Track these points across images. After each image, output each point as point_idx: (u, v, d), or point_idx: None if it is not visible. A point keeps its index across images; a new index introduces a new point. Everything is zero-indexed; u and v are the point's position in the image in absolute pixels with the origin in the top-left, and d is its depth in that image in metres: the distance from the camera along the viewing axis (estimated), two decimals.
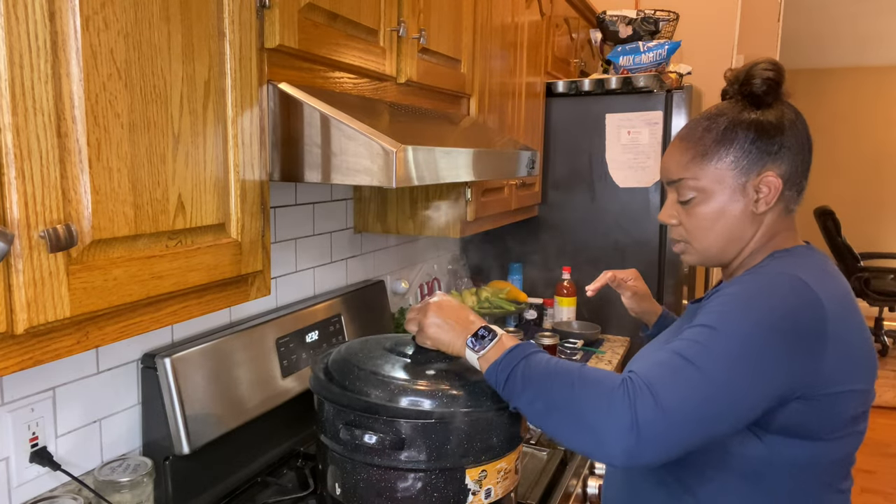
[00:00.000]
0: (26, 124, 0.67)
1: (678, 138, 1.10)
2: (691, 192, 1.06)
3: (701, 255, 1.10)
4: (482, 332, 1.05)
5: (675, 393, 0.88)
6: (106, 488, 1.16)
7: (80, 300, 0.74)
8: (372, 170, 1.04)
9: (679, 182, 1.07)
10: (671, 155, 1.10)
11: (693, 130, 1.07)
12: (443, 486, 1.10)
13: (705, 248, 1.09)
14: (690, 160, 1.05)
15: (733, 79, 1.08)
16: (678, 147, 1.09)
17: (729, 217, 1.05)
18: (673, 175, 1.09)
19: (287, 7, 1.05)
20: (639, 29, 2.59)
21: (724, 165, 1.03)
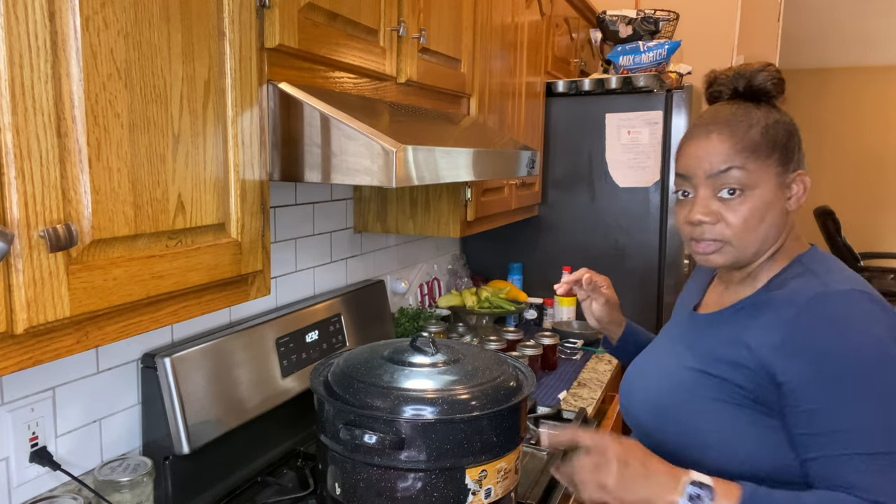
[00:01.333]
0: (26, 124, 0.67)
1: (716, 130, 1.01)
2: (736, 186, 0.98)
3: (737, 256, 1.02)
4: (695, 492, 0.91)
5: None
6: (106, 488, 1.15)
7: (80, 300, 0.74)
8: (372, 170, 1.04)
9: (724, 173, 0.99)
10: (712, 145, 1.00)
11: (734, 123, 1.00)
12: (443, 486, 1.10)
13: (745, 247, 1.01)
14: (738, 151, 0.98)
15: (733, 78, 1.05)
16: (720, 137, 1.00)
17: (771, 215, 1.00)
18: (717, 165, 0.99)
19: (287, 7, 1.05)
20: (639, 29, 2.59)
21: (770, 161, 0.99)
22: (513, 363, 1.33)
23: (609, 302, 1.38)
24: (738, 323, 1.03)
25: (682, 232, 1.07)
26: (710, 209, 1.01)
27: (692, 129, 1.07)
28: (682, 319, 1.20)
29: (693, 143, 1.04)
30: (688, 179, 1.04)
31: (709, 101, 1.12)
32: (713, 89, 1.09)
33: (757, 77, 1.03)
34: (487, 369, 1.21)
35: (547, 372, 2.18)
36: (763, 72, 1.03)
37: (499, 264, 2.75)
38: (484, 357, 1.27)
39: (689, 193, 1.04)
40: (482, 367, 1.21)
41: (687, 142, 1.06)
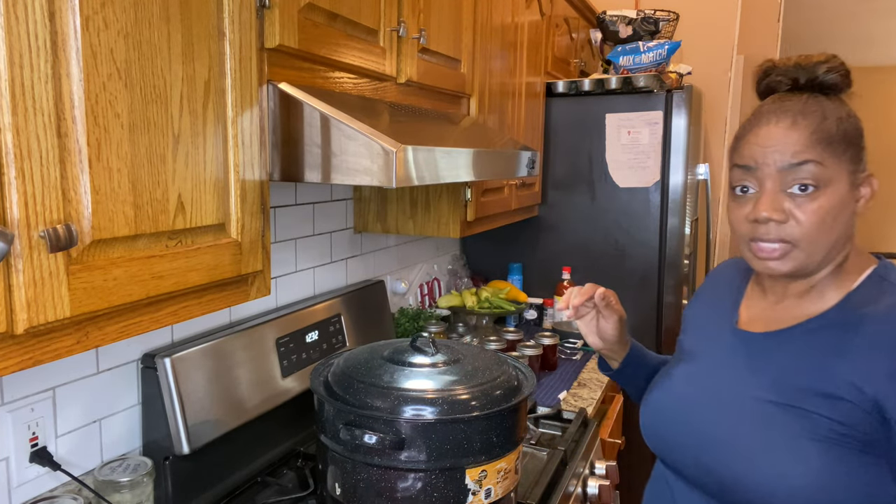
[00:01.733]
0: (26, 124, 0.67)
1: (788, 118, 0.91)
2: (811, 182, 0.88)
3: (803, 262, 0.91)
4: None
5: None
6: (106, 488, 1.16)
7: (80, 300, 0.74)
8: (372, 170, 1.04)
9: (798, 167, 0.88)
10: (786, 134, 0.90)
11: (807, 113, 0.90)
12: (443, 486, 1.10)
13: (814, 251, 0.90)
14: (815, 142, 0.88)
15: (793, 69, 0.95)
16: (795, 126, 0.90)
17: (843, 217, 0.90)
18: (792, 157, 0.89)
19: (287, 7, 1.05)
20: (639, 29, 2.59)
21: (844, 157, 0.90)
22: (513, 363, 1.33)
23: (620, 319, 1.21)
24: (819, 346, 0.91)
25: (738, 232, 0.96)
26: (779, 205, 0.89)
27: (758, 115, 0.95)
28: (724, 337, 1.05)
29: (761, 129, 0.92)
30: (752, 171, 0.92)
31: (761, 95, 1.01)
32: (769, 80, 0.98)
33: (818, 69, 0.93)
34: (487, 369, 1.21)
35: (547, 372, 2.18)
36: (826, 63, 0.93)
37: (499, 264, 2.75)
38: (484, 357, 1.27)
39: (750, 188, 0.93)
40: (482, 368, 1.21)
41: (752, 129, 0.94)
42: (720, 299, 1.12)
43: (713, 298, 1.15)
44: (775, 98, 0.95)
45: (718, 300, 1.12)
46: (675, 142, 2.43)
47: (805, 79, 0.94)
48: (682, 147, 2.42)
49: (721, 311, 1.10)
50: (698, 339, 1.11)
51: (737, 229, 0.96)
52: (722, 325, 1.07)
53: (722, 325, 1.06)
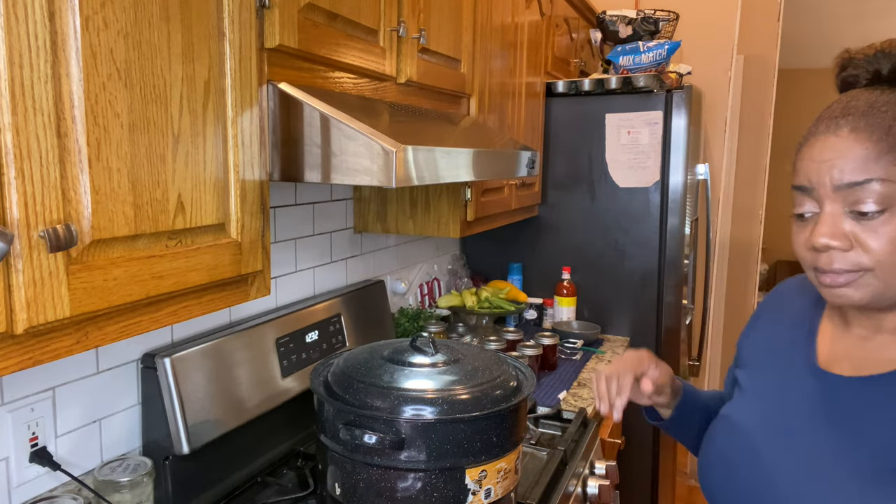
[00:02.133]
0: (26, 124, 0.67)
1: (848, 125, 0.77)
2: (876, 203, 0.74)
3: (880, 290, 0.77)
4: None
5: None
6: (106, 488, 1.16)
7: (79, 300, 0.74)
8: (372, 170, 1.04)
9: (860, 186, 0.74)
10: (844, 145, 0.76)
11: (872, 115, 0.76)
12: (443, 486, 1.10)
13: (893, 278, 0.76)
14: (880, 154, 0.74)
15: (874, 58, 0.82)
16: (855, 136, 0.76)
17: None
18: (852, 174, 0.75)
19: (287, 7, 1.05)
20: (639, 29, 2.59)
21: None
22: (513, 363, 1.33)
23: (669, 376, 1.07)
24: None
25: (801, 259, 0.83)
26: (839, 230, 0.76)
27: (817, 122, 0.81)
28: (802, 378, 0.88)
29: (817, 142, 0.79)
30: (809, 192, 0.79)
31: (840, 89, 0.88)
32: (847, 73, 0.85)
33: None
34: (487, 369, 1.21)
35: (547, 372, 2.18)
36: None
37: (499, 264, 2.75)
38: (484, 357, 1.27)
39: (808, 213, 0.80)
40: (482, 368, 1.21)
41: (809, 140, 0.81)
42: (789, 328, 0.96)
43: (778, 326, 0.98)
44: (843, 97, 0.82)
45: (787, 329, 0.96)
46: (675, 142, 2.43)
47: (889, 68, 0.80)
48: (682, 147, 2.42)
49: (793, 343, 0.93)
50: (766, 376, 0.94)
51: (800, 256, 0.83)
52: (796, 361, 0.90)
53: (796, 362, 0.90)
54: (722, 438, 0.94)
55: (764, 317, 1.03)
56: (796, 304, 0.98)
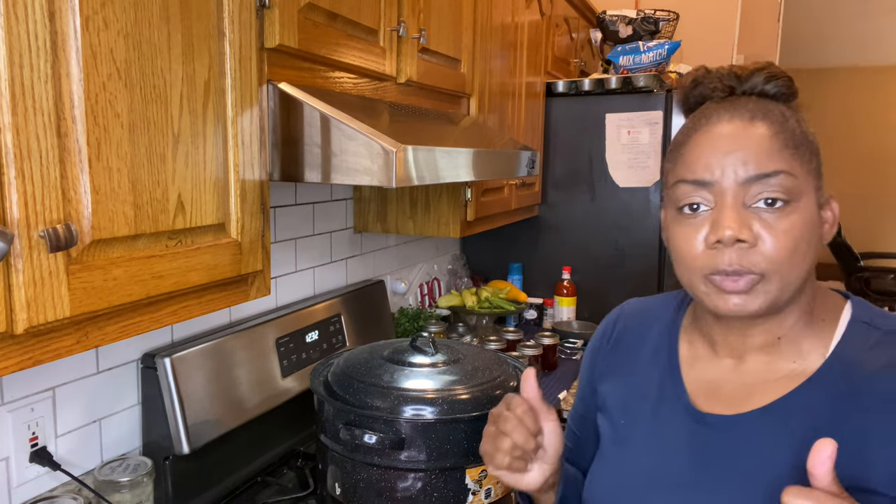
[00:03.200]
0: (26, 124, 0.67)
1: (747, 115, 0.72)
2: (783, 194, 0.70)
3: (777, 297, 0.71)
4: None
5: None
6: (106, 488, 1.15)
7: (79, 300, 0.74)
8: (372, 170, 1.04)
9: (768, 178, 0.70)
10: (752, 135, 0.71)
11: (767, 111, 0.73)
12: (443, 486, 1.10)
13: (788, 283, 0.71)
14: (784, 145, 0.70)
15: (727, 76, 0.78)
16: (755, 124, 0.72)
17: (815, 241, 0.73)
18: (758, 164, 0.70)
19: (287, 7, 1.05)
20: (639, 29, 2.59)
21: (811, 167, 0.73)
22: (513, 363, 1.33)
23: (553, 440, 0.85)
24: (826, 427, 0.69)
25: (690, 263, 0.74)
26: (746, 222, 0.70)
27: (701, 116, 0.76)
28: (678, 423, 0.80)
29: (712, 129, 0.73)
30: (706, 185, 0.72)
31: (688, 109, 0.82)
32: (702, 89, 0.80)
33: (756, 79, 0.77)
34: (487, 369, 1.21)
35: (547, 372, 2.18)
36: (764, 71, 0.76)
37: (499, 264, 2.75)
38: (484, 357, 1.27)
39: (703, 206, 0.73)
40: (482, 367, 1.21)
41: (699, 129, 0.75)
42: (647, 364, 0.87)
43: (632, 360, 0.90)
44: (718, 102, 0.77)
45: (648, 365, 0.87)
46: None
47: (742, 89, 0.77)
48: None
49: (654, 380, 0.85)
50: (640, 424, 0.84)
51: (687, 261, 0.74)
52: (667, 402, 0.82)
53: (668, 404, 0.82)
54: (602, 499, 0.84)
55: (609, 352, 0.94)
56: (649, 332, 0.90)
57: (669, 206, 0.78)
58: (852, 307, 0.77)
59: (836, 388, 0.71)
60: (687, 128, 0.78)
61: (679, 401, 0.81)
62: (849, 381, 0.71)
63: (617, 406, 0.89)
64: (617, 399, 0.89)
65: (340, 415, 1.12)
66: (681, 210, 0.75)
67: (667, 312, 0.91)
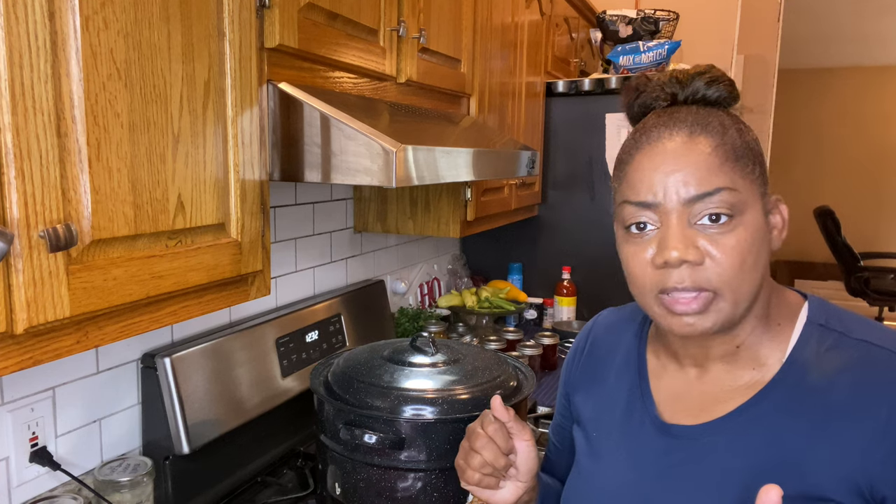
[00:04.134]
0: (26, 124, 0.67)
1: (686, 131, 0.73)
2: (725, 210, 0.70)
3: (730, 313, 0.72)
4: None
5: None
6: (106, 488, 1.16)
7: (79, 300, 0.74)
8: (372, 169, 1.04)
9: (710, 196, 0.70)
10: (685, 151, 0.71)
11: (706, 123, 0.73)
12: (443, 486, 1.10)
13: (740, 297, 0.71)
14: (724, 161, 0.71)
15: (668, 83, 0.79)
16: (693, 140, 0.72)
17: (765, 250, 0.73)
18: (702, 185, 0.70)
19: (287, 7, 1.05)
20: (639, 29, 2.59)
21: (754, 176, 0.72)
22: (513, 363, 1.33)
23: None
24: (783, 434, 0.71)
25: (640, 284, 0.75)
26: (691, 241, 0.70)
27: (642, 132, 0.77)
28: (647, 437, 0.80)
29: (653, 149, 0.73)
30: (651, 206, 0.72)
31: (632, 118, 0.85)
32: (643, 98, 0.81)
33: (697, 83, 0.77)
34: (487, 369, 1.21)
35: (547, 372, 2.18)
36: (706, 75, 0.77)
37: (499, 264, 2.75)
38: (484, 357, 1.27)
39: (648, 225, 0.73)
40: (482, 367, 1.21)
41: (640, 148, 0.75)
42: (617, 376, 0.88)
43: (603, 372, 0.91)
44: (658, 112, 0.78)
45: (618, 377, 0.88)
46: None
47: (684, 95, 0.77)
48: None
49: (624, 392, 0.86)
50: (610, 437, 0.85)
51: (639, 280, 0.75)
52: (636, 414, 0.83)
53: (637, 416, 0.83)
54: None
55: (584, 361, 0.95)
56: (619, 344, 0.91)
57: (618, 225, 0.78)
58: (808, 308, 0.77)
59: (790, 395, 0.72)
60: (629, 146, 0.78)
61: (646, 412, 0.82)
62: (803, 387, 0.72)
63: (589, 419, 0.90)
64: (589, 411, 0.90)
65: (340, 415, 1.12)
66: (628, 229, 0.75)
67: (634, 324, 0.92)
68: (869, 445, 0.66)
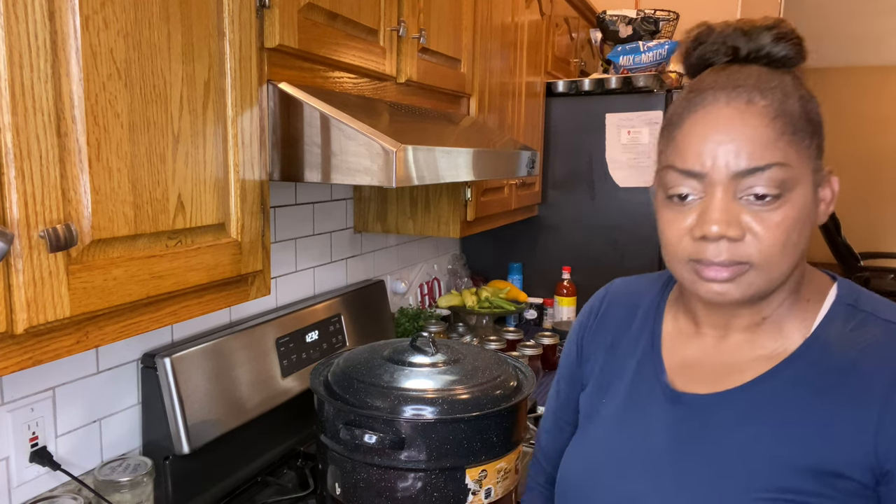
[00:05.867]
0: (26, 124, 0.67)
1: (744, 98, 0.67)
2: (774, 190, 0.66)
3: (763, 287, 0.70)
4: None
5: None
6: (106, 488, 1.15)
7: (79, 300, 0.74)
8: (372, 169, 1.04)
9: (761, 172, 0.66)
10: (741, 120, 0.67)
11: (767, 89, 0.68)
12: (443, 486, 1.10)
13: (776, 273, 0.69)
14: (779, 131, 0.67)
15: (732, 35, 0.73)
16: (751, 108, 0.67)
17: (808, 227, 0.70)
18: (751, 158, 0.66)
19: (287, 7, 1.05)
20: (639, 29, 2.59)
21: (811, 150, 0.69)
22: (513, 363, 1.33)
23: None
24: (798, 405, 0.70)
25: (674, 250, 0.72)
26: (734, 218, 0.67)
27: (697, 91, 0.71)
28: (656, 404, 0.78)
29: (707, 112, 0.69)
30: (696, 176, 0.69)
31: (692, 72, 0.77)
32: (703, 50, 0.75)
33: (763, 38, 0.71)
34: (487, 369, 1.21)
35: (547, 372, 2.18)
36: (774, 30, 0.71)
37: (499, 264, 2.75)
38: (484, 357, 1.27)
39: (691, 195, 0.70)
40: (482, 367, 1.21)
41: (694, 110, 0.70)
42: (630, 340, 0.86)
43: (616, 337, 0.88)
44: (716, 69, 0.73)
45: (626, 342, 0.86)
46: None
47: (747, 50, 0.72)
48: None
49: (635, 357, 0.84)
50: (615, 401, 0.83)
51: (673, 247, 0.72)
52: (645, 381, 0.81)
53: (646, 383, 0.80)
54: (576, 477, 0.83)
55: (593, 325, 0.92)
56: (635, 308, 0.88)
57: (660, 189, 0.75)
58: (838, 288, 0.76)
59: (811, 369, 0.71)
60: (681, 107, 0.73)
61: (657, 379, 0.80)
62: (825, 362, 0.70)
63: (598, 384, 0.88)
64: (599, 377, 0.88)
65: (340, 415, 1.12)
66: (670, 198, 0.73)
67: (653, 290, 0.89)
68: (882, 423, 0.66)
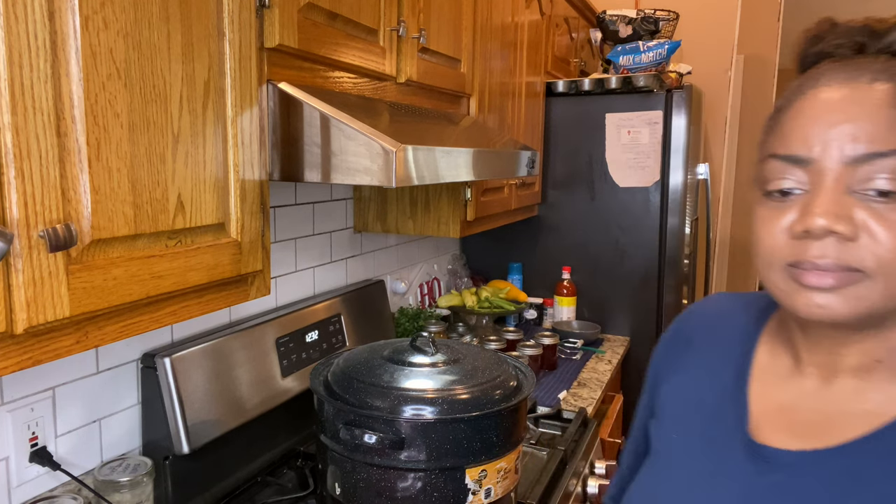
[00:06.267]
0: (26, 124, 0.67)
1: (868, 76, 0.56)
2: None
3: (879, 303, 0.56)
4: None
5: None
6: (106, 488, 1.15)
7: (79, 300, 0.74)
8: (372, 169, 1.04)
9: (884, 158, 0.54)
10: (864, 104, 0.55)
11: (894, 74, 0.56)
12: (443, 486, 1.10)
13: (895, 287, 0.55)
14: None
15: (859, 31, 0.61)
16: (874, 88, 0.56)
17: None
18: (875, 144, 0.54)
19: (287, 7, 1.05)
20: (639, 28, 2.59)
21: None
22: (513, 363, 1.33)
23: None
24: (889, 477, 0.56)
25: (768, 255, 0.60)
26: (845, 211, 0.55)
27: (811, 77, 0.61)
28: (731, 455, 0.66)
29: (822, 98, 0.58)
30: (801, 163, 0.57)
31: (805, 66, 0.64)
32: (824, 45, 0.62)
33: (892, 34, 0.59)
34: (487, 369, 1.21)
35: (547, 372, 2.18)
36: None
37: (499, 264, 2.75)
38: (484, 357, 1.27)
39: (795, 189, 0.58)
40: (482, 367, 1.21)
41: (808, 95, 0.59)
42: (713, 371, 0.73)
43: (698, 363, 0.76)
44: (836, 62, 0.61)
45: (709, 372, 0.73)
46: (675, 141, 2.43)
47: (876, 48, 0.60)
48: (682, 147, 2.42)
49: (717, 392, 0.71)
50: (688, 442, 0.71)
51: (767, 249, 0.60)
52: (721, 422, 0.68)
53: (721, 423, 0.68)
54: None
55: (680, 343, 0.80)
56: (727, 333, 0.75)
57: (757, 187, 0.63)
58: None
59: None
60: (790, 93, 0.62)
61: (737, 424, 0.67)
62: None
63: (671, 416, 0.75)
64: (673, 407, 0.76)
65: (340, 415, 1.12)
66: (769, 194, 0.60)
67: (748, 313, 0.75)
68: None
